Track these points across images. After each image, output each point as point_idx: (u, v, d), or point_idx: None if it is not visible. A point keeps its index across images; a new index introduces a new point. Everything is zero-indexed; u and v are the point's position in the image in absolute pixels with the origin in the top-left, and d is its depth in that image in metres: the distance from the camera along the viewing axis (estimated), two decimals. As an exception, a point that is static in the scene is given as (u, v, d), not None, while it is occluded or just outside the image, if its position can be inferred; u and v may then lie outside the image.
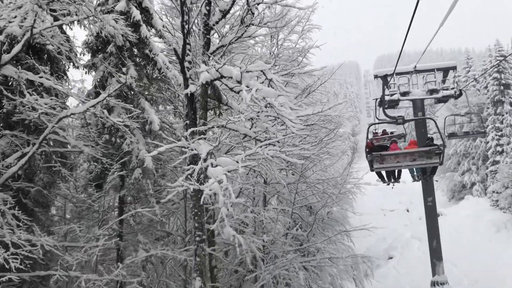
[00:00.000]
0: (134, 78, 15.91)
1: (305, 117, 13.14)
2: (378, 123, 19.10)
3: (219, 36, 11.99)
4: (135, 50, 17.37)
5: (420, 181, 22.66)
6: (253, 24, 10.86)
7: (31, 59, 13.64)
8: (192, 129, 10.28)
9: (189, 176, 9.37)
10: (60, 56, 15.41)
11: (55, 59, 15.39)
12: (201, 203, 8.76)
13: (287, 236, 18.39)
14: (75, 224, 14.35)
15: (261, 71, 9.17)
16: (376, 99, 24.94)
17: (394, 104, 26.45)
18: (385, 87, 25.26)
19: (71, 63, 17.01)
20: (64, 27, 17.40)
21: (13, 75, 12.52)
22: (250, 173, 17.29)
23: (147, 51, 16.57)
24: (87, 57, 17.25)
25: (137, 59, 17.42)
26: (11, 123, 15.55)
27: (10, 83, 15.01)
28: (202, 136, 10.43)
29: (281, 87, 9.23)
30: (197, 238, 10.65)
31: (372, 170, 15.52)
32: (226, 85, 10.52)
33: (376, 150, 15.33)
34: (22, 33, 15.41)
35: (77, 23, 16.61)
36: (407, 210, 55.69)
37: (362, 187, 25.02)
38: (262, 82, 9.80)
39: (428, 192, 25.58)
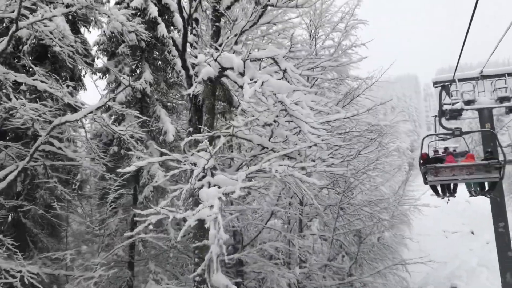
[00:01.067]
0: (150, 82, 14.02)
1: (337, 122, 10.57)
2: (434, 135, 16.52)
3: (230, 24, 9.72)
4: (156, 52, 15.54)
5: (490, 203, 19.79)
6: (270, 5, 8.51)
7: (29, 60, 12.10)
8: (189, 138, 8.03)
9: (175, 199, 7.14)
10: (68, 58, 13.65)
11: (63, 63, 13.81)
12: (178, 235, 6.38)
13: (326, 268, 15.62)
14: (78, 249, 12.53)
15: (272, 58, 6.80)
16: (436, 116, 22.12)
17: (456, 114, 23.21)
18: (446, 95, 22.25)
19: (88, 68, 15.50)
20: (82, 30, 16.02)
21: (-2, 76, 10.81)
22: (283, 193, 14.81)
23: (166, 52, 14.68)
24: (103, 60, 15.63)
25: (158, 62, 15.57)
26: (19, 133, 14.18)
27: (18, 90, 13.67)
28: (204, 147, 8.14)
29: (299, 80, 6.80)
30: (197, 278, 8.28)
31: (425, 183, 14.17)
32: (235, 82, 8.20)
33: (431, 162, 13.93)
34: (28, 34, 14.08)
35: (94, 25, 15.25)
36: (472, 232, 50.40)
37: (420, 209, 21.82)
38: (282, 78, 7.43)
39: (500, 217, 21.80)
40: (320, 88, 16.10)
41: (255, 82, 6.47)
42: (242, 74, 6.94)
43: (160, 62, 15.40)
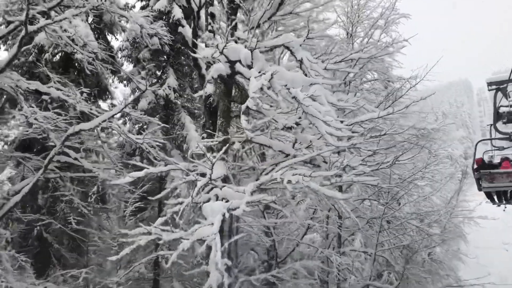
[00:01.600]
0: (174, 88, 13.25)
1: (370, 123, 9.25)
2: (488, 139, 15.01)
3: (246, 16, 8.69)
4: (182, 57, 14.80)
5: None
6: (289, -9, 7.45)
7: (35, 62, 11.64)
8: (196, 147, 7.04)
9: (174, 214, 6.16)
10: (91, 66, 13.05)
11: (83, 71, 13.32)
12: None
13: (368, 288, 14.14)
14: (100, 265, 11.80)
15: (286, 47, 5.72)
16: (491, 124, 20.37)
17: (514, 117, 21.24)
18: (503, 96, 20.36)
19: (115, 77, 15.00)
20: (109, 38, 15.54)
21: (9, 84, 10.27)
22: (319, 205, 13.52)
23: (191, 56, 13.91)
24: (129, 66, 15.09)
25: (184, 68, 14.80)
26: (44, 143, 13.77)
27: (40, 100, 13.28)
28: (216, 154, 7.12)
29: (318, 72, 5.66)
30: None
31: (480, 190, 13.16)
32: (249, 79, 7.16)
33: (486, 167, 13.00)
34: (50, 42, 13.67)
35: (117, 31, 14.72)
36: (536, 246, 46.69)
37: (476, 221, 19.91)
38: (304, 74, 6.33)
39: None
40: (360, 90, 14.78)
41: (262, 74, 5.41)
42: (250, 67, 5.90)
43: (186, 67, 14.64)
